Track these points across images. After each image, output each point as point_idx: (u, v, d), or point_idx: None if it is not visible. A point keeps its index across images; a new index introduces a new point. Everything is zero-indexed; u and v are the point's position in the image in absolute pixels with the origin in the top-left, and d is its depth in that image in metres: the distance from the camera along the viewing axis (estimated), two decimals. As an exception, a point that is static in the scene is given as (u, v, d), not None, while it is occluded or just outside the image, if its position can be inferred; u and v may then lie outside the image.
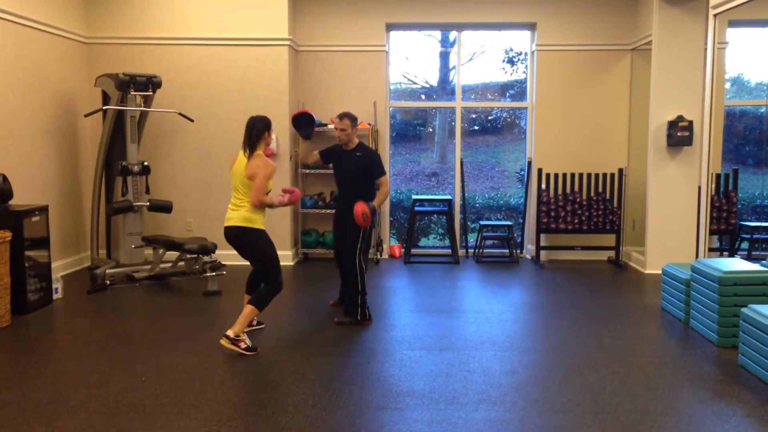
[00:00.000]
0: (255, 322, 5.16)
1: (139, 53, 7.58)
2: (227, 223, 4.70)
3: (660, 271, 6.86)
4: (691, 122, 7.04)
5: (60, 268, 6.87)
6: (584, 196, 7.83)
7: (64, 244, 7.07)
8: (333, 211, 7.93)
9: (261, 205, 4.63)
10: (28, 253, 5.55)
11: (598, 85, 8.06)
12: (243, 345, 4.55)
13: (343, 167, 5.46)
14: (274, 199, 4.73)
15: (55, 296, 5.98)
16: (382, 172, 5.39)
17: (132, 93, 6.80)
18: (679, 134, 7.04)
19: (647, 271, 7.31)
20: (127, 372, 4.20)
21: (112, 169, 7.02)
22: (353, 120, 5.44)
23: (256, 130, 4.67)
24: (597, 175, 7.80)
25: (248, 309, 4.61)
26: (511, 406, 3.70)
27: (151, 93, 6.98)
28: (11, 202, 5.68)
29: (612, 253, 7.96)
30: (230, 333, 4.55)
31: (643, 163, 7.59)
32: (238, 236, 4.67)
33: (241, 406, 3.70)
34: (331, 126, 7.85)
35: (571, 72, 8.06)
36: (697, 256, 7.12)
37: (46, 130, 6.75)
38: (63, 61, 7.08)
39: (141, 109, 6.99)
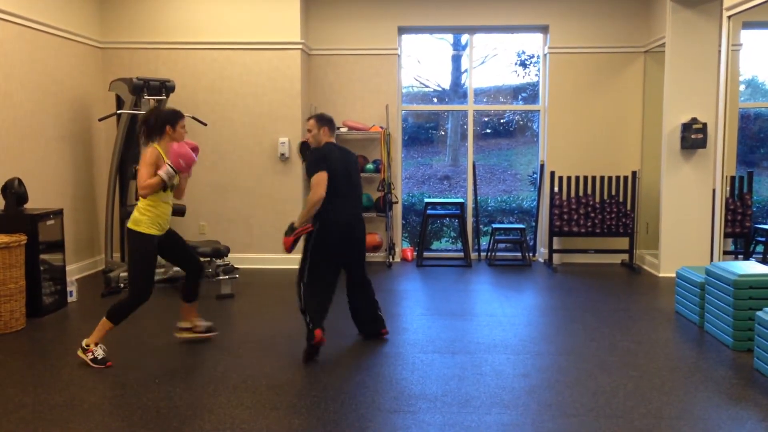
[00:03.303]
0: (203, 328, 4.89)
1: (154, 58, 7.63)
2: None
3: (674, 275, 6.81)
4: (705, 125, 7.00)
5: (74, 271, 6.92)
6: (597, 199, 7.79)
7: (79, 247, 7.12)
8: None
9: (150, 191, 4.27)
10: (42, 256, 5.60)
11: (611, 88, 8.03)
12: (90, 356, 4.37)
13: None
14: (160, 173, 4.28)
15: (69, 299, 6.02)
16: (310, 172, 4.56)
17: (146, 97, 6.84)
18: (693, 137, 7.00)
19: (661, 275, 7.27)
20: (141, 375, 4.22)
21: (126, 173, 7.06)
22: (319, 120, 4.71)
23: (158, 123, 4.38)
24: (610, 178, 7.76)
25: (102, 320, 4.37)
26: (524, 410, 3.69)
27: (164, 97, 7.03)
28: (26, 206, 5.73)
29: (625, 256, 7.92)
30: (84, 341, 4.42)
31: (657, 165, 7.55)
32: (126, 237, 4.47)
33: (254, 408, 3.71)
34: (344, 129, 7.89)
35: (583, 74, 8.03)
36: (711, 260, 7.06)
37: (60, 134, 6.81)
38: (78, 66, 7.14)
39: (155, 113, 7.03)
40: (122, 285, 6.48)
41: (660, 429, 3.45)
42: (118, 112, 6.87)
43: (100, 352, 4.40)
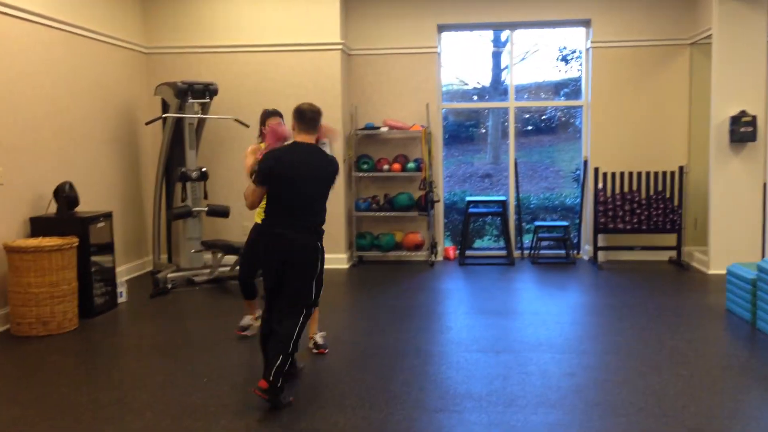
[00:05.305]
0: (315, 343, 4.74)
1: (197, 62, 7.75)
2: None
3: (724, 271, 6.65)
4: (754, 117, 6.82)
5: (124, 272, 7.07)
6: (643, 195, 7.66)
7: (127, 249, 7.28)
8: (386, 213, 7.95)
9: (248, 170, 4.66)
10: (93, 258, 5.73)
11: (656, 82, 7.88)
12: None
13: None
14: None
15: (119, 300, 6.16)
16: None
17: (190, 101, 6.96)
18: (743, 130, 6.83)
19: (711, 272, 7.10)
20: (189, 374, 4.30)
21: (171, 176, 7.20)
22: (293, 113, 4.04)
23: (260, 124, 4.95)
24: (656, 174, 7.62)
25: None
26: (571, 409, 3.65)
27: (208, 100, 7.14)
28: (77, 209, 5.88)
29: (673, 253, 7.77)
30: None
31: (705, 160, 7.39)
32: None
33: (300, 406, 3.74)
34: (384, 129, 7.89)
35: (627, 69, 7.89)
36: (763, 255, 6.89)
37: (108, 139, 6.97)
38: (124, 71, 7.30)
39: (199, 116, 7.15)
40: (170, 285, 6.60)
41: (712, 428, 3.38)
42: (164, 115, 7.00)
43: (245, 321, 5.12)
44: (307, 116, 3.93)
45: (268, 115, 4.90)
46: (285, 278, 3.85)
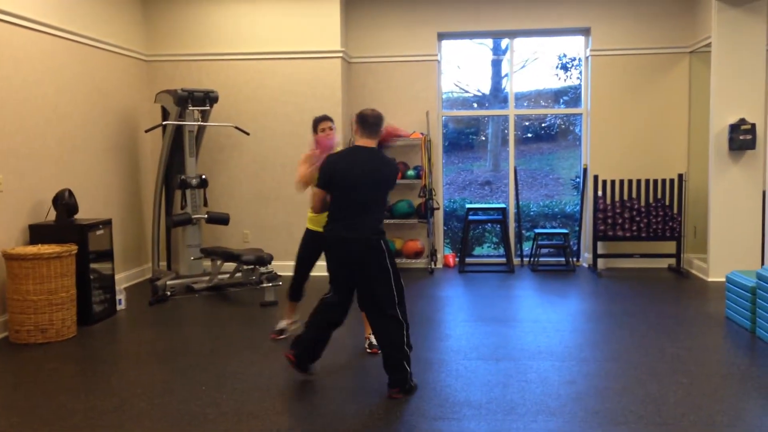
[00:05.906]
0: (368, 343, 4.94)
1: (197, 69, 7.77)
2: None
3: (724, 279, 6.66)
4: (753, 125, 6.83)
5: (123, 279, 7.06)
6: (642, 203, 7.66)
7: (126, 256, 7.28)
8: (386, 220, 7.95)
9: (297, 180, 4.82)
10: (93, 265, 5.73)
11: (656, 90, 7.90)
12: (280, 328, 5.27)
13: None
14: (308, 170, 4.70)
15: (118, 307, 6.15)
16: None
17: (190, 108, 6.97)
18: (742, 138, 6.85)
19: (710, 279, 7.10)
20: (188, 381, 4.29)
21: (171, 183, 7.20)
22: (356, 118, 4.37)
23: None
24: (656, 181, 7.63)
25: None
26: (571, 417, 3.64)
27: (208, 108, 7.15)
28: (76, 216, 5.88)
29: (673, 261, 7.76)
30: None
31: (704, 167, 7.40)
32: None
33: (299, 415, 3.74)
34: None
35: (627, 77, 7.91)
36: (762, 263, 6.89)
37: (108, 146, 6.98)
38: (124, 79, 7.31)
39: (199, 123, 7.16)
40: (169, 293, 6.59)
41: (712, 437, 3.37)
42: (164, 123, 7.01)
43: (281, 324, 5.26)
44: (369, 121, 4.18)
45: (320, 120, 4.95)
46: (359, 286, 4.07)
